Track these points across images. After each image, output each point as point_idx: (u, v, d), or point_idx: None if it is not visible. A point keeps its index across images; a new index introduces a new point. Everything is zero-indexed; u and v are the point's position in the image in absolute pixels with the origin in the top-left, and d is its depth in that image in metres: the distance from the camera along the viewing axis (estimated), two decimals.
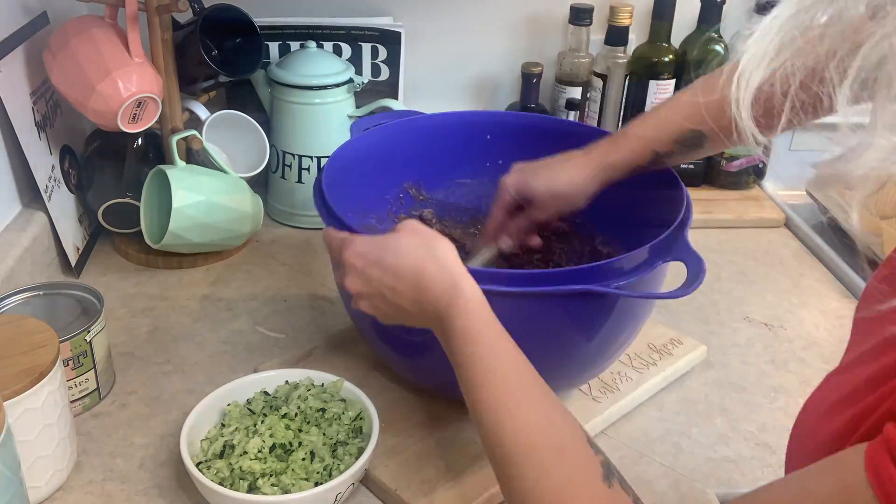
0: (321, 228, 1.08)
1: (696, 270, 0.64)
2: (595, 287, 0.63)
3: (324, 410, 0.69)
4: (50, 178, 0.93)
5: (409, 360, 0.75)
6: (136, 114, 0.89)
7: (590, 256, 0.86)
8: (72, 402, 0.73)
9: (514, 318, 0.58)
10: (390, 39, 1.16)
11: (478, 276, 0.60)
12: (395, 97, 1.16)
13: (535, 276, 0.64)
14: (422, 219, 0.90)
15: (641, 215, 0.77)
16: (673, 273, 0.72)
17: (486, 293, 0.59)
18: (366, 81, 1.08)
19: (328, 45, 1.14)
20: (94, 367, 0.74)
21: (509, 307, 0.60)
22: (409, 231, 0.61)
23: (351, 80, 1.05)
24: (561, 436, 0.54)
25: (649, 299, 0.72)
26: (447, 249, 0.60)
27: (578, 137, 0.84)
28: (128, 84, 0.87)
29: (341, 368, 0.79)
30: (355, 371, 0.79)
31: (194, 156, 0.99)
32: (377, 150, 0.86)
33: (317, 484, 0.64)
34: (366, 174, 0.83)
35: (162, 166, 0.94)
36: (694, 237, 0.69)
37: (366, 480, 0.68)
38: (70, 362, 0.72)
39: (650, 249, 0.66)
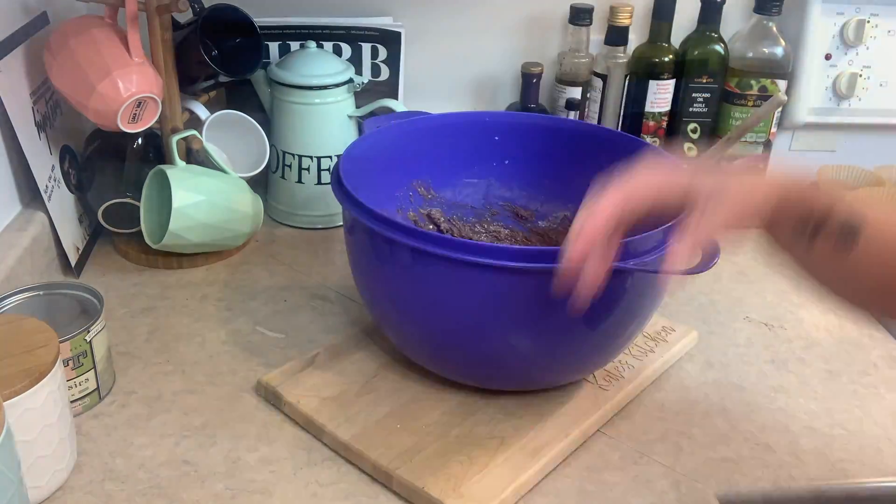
0: (321, 228, 1.09)
1: (711, 251, 0.66)
2: (617, 264, 0.63)
3: None
4: (50, 178, 0.93)
5: (437, 346, 0.74)
6: (136, 114, 0.89)
7: None
8: (72, 402, 0.73)
9: (529, 296, 0.59)
10: (390, 39, 1.16)
11: (490, 252, 0.61)
12: (395, 97, 1.16)
13: (551, 253, 0.65)
14: (430, 217, 0.91)
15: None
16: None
17: (501, 269, 0.60)
18: (366, 81, 1.08)
19: (328, 45, 1.14)
20: (94, 367, 0.74)
21: (525, 285, 0.61)
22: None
23: (351, 80, 1.06)
24: None
25: (663, 282, 0.72)
26: None
27: (586, 137, 0.85)
28: (128, 84, 0.87)
29: (348, 372, 0.79)
30: (363, 374, 0.79)
31: (194, 156, 0.99)
32: (388, 148, 0.87)
33: None
34: (376, 172, 0.84)
35: (162, 166, 0.94)
36: None
37: (389, 482, 0.68)
38: (70, 362, 0.72)
39: (664, 231, 0.67)
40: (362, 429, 0.72)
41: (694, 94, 1.18)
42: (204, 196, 0.94)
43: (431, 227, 0.91)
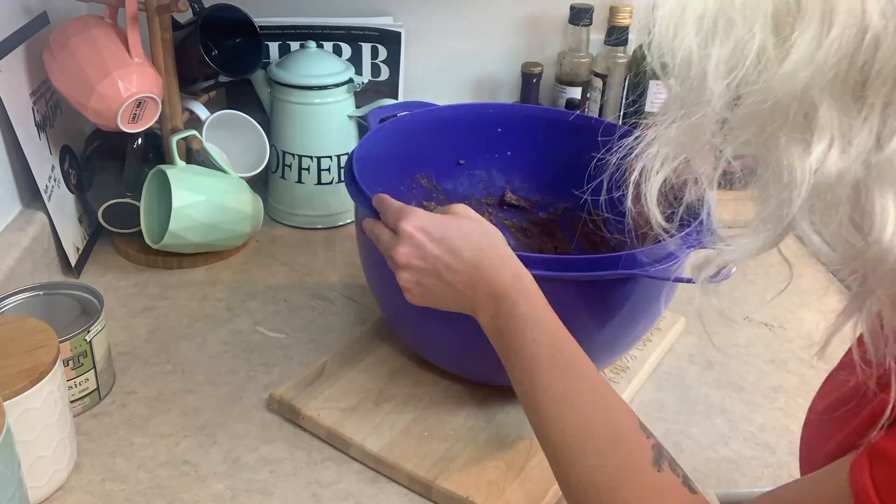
0: (321, 228, 1.09)
1: None
2: (638, 272, 0.65)
3: None
4: (50, 178, 0.93)
5: (460, 346, 0.74)
6: (136, 114, 0.89)
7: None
8: (72, 402, 0.73)
9: (552, 303, 0.60)
10: (390, 39, 1.16)
11: (523, 260, 0.62)
12: (395, 97, 1.16)
13: (574, 262, 0.66)
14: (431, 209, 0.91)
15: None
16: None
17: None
18: (366, 81, 1.08)
19: (328, 45, 1.14)
20: (94, 367, 0.74)
21: (549, 292, 0.62)
22: (465, 216, 0.64)
23: (351, 80, 1.05)
24: (617, 423, 0.55)
25: (674, 285, 0.74)
26: (502, 237, 0.63)
27: (586, 131, 0.85)
28: (128, 84, 0.87)
29: (360, 381, 0.78)
30: (376, 381, 0.78)
31: (194, 156, 0.99)
32: (393, 144, 0.87)
33: None
34: (382, 168, 0.84)
35: (162, 166, 0.94)
36: None
37: (429, 493, 0.67)
38: (70, 362, 0.72)
39: (678, 241, 0.67)
40: (390, 439, 0.71)
41: None
42: (204, 196, 0.94)
43: None
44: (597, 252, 0.87)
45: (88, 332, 0.72)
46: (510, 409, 0.75)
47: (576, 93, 1.18)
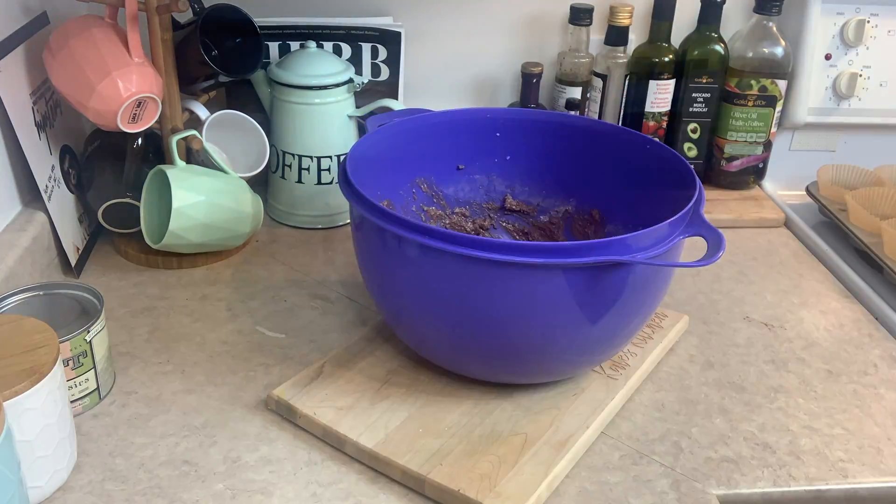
0: (321, 228, 1.09)
1: (715, 243, 0.66)
2: (620, 257, 0.65)
3: None
4: (50, 178, 0.93)
5: (450, 341, 0.74)
6: (136, 114, 0.89)
7: None
8: (72, 402, 0.73)
9: (539, 290, 0.60)
10: (390, 39, 1.16)
11: (507, 248, 0.63)
12: (395, 97, 1.16)
13: (559, 249, 0.65)
14: (433, 214, 0.91)
15: (652, 208, 0.79)
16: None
17: (513, 265, 0.62)
18: (366, 81, 1.08)
19: (328, 45, 1.14)
20: (94, 367, 0.74)
21: (536, 279, 0.62)
22: None
23: (351, 80, 1.06)
24: None
25: (668, 274, 0.74)
26: None
27: (587, 133, 0.85)
28: (128, 84, 0.87)
29: (357, 381, 0.78)
30: (373, 381, 0.78)
31: (194, 156, 0.99)
32: (391, 147, 0.87)
33: None
34: (380, 170, 0.84)
35: (162, 166, 0.94)
36: None
37: (422, 487, 0.67)
38: (70, 362, 0.72)
39: (669, 225, 0.68)
40: (385, 436, 0.71)
41: (694, 94, 1.18)
42: (204, 196, 0.94)
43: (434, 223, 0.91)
44: None
45: (88, 332, 0.72)
46: (506, 406, 0.75)
47: (576, 93, 1.18)
